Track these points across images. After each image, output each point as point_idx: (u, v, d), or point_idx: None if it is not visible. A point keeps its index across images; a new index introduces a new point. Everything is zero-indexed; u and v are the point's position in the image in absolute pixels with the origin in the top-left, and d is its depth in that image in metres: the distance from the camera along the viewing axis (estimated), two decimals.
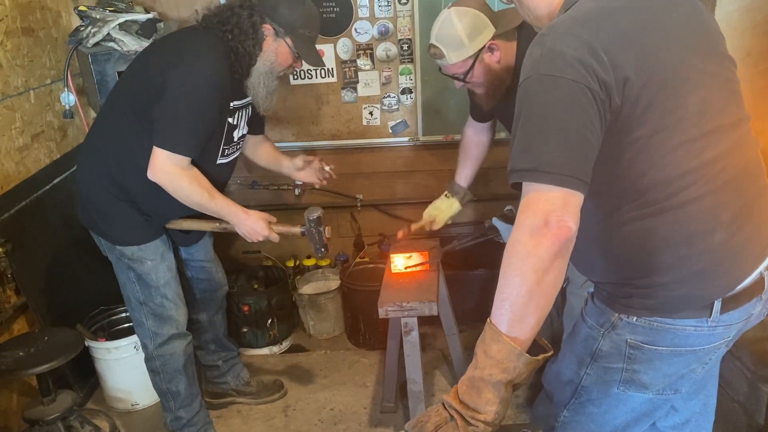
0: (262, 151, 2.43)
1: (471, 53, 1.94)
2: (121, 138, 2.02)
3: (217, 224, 2.15)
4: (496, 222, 2.20)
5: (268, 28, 1.98)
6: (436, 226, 2.42)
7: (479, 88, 2.04)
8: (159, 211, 2.11)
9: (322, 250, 2.22)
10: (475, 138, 2.42)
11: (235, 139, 2.14)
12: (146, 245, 2.11)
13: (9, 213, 2.40)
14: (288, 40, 1.99)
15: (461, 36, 1.91)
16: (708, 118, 1.17)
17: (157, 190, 1.97)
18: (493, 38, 1.94)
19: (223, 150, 2.10)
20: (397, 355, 2.47)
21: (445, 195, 2.45)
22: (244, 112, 2.13)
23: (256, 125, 2.31)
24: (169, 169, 1.92)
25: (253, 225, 2.09)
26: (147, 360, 2.27)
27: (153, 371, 2.27)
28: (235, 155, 2.20)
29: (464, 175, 2.46)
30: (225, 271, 2.56)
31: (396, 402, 2.61)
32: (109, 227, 2.11)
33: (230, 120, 2.07)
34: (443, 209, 2.43)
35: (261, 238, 2.12)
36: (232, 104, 2.04)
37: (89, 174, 2.10)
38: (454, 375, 2.78)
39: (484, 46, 1.94)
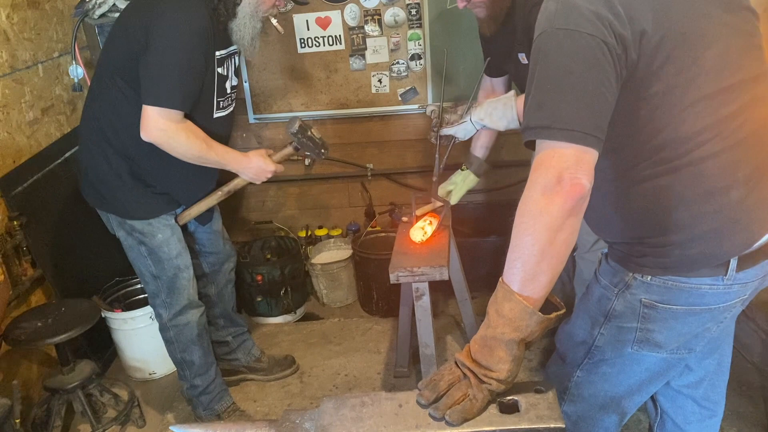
0: None
1: None
2: (115, 108, 1.99)
3: (224, 191, 2.15)
4: None
5: None
6: (453, 201, 2.34)
7: (481, 10, 1.95)
8: (165, 180, 2.09)
9: (323, 151, 2.17)
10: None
11: (228, 91, 2.11)
12: (156, 219, 2.11)
13: (23, 186, 2.42)
14: None
15: None
16: (726, 73, 1.14)
17: (160, 155, 1.94)
18: None
19: (218, 102, 2.07)
20: (410, 321, 2.48)
21: (461, 169, 2.38)
22: (230, 61, 2.09)
23: None
24: (162, 126, 1.88)
25: (257, 164, 2.09)
26: (162, 330, 2.29)
27: (168, 341, 2.30)
28: (231, 108, 2.16)
29: (479, 145, 2.34)
30: (238, 242, 2.55)
31: (409, 367, 2.64)
32: (117, 202, 2.10)
33: (219, 70, 2.02)
34: (458, 183, 2.37)
35: (270, 175, 2.11)
36: (217, 53, 1.99)
37: (92, 150, 2.08)
38: (466, 340, 2.77)
39: None
